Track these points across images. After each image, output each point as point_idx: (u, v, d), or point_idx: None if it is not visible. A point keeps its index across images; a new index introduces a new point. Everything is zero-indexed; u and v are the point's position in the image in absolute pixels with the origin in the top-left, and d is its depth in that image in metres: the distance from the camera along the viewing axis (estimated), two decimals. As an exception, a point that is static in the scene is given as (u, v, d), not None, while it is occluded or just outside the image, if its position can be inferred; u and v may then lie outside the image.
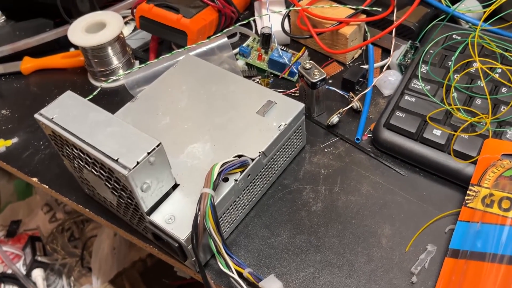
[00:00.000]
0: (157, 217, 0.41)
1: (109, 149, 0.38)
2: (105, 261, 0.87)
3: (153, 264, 0.90)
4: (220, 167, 0.41)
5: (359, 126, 0.53)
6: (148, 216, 0.41)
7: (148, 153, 0.37)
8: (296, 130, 0.48)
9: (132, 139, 0.38)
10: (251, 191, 0.46)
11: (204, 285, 0.41)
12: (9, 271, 0.94)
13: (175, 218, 0.40)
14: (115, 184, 0.40)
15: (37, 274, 0.94)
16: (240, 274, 0.39)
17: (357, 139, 0.52)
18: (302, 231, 0.45)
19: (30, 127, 0.59)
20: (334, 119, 0.52)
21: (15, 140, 0.58)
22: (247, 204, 0.46)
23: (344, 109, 0.53)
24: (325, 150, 0.52)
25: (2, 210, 1.07)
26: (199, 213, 0.38)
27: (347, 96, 0.55)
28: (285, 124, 0.46)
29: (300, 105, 0.47)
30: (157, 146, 0.38)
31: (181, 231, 0.40)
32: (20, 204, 1.07)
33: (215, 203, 0.40)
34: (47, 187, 0.52)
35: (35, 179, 0.53)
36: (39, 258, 0.95)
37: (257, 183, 0.46)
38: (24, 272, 0.94)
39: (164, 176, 0.40)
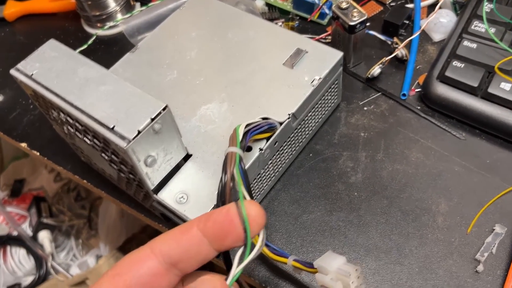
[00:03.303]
0: (166, 196, 0.33)
1: (103, 114, 0.30)
2: (113, 227, 0.81)
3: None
4: (245, 128, 0.32)
5: (405, 79, 0.44)
6: (155, 195, 0.33)
7: (152, 119, 0.29)
8: (332, 85, 0.40)
9: (131, 101, 0.30)
10: (278, 160, 0.38)
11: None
12: (15, 233, 0.90)
13: (188, 196, 0.33)
14: (112, 156, 0.32)
15: (44, 236, 0.90)
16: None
17: (403, 94, 0.43)
18: (340, 208, 0.38)
19: (17, 83, 0.51)
20: (376, 70, 0.43)
21: (0, 98, 0.50)
22: (273, 176, 0.39)
23: (387, 58, 0.44)
24: (365, 108, 0.43)
25: (5, 167, 1.02)
26: (225, 179, 0.28)
27: (389, 42, 0.46)
28: (320, 78, 0.37)
29: (338, 54, 0.39)
30: (163, 109, 0.30)
31: (196, 212, 0.32)
32: (23, 162, 1.02)
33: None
34: (38, 153, 0.45)
35: (24, 145, 0.46)
36: (45, 220, 0.90)
37: (285, 151, 0.38)
38: (31, 234, 0.90)
39: (172, 146, 0.32)
